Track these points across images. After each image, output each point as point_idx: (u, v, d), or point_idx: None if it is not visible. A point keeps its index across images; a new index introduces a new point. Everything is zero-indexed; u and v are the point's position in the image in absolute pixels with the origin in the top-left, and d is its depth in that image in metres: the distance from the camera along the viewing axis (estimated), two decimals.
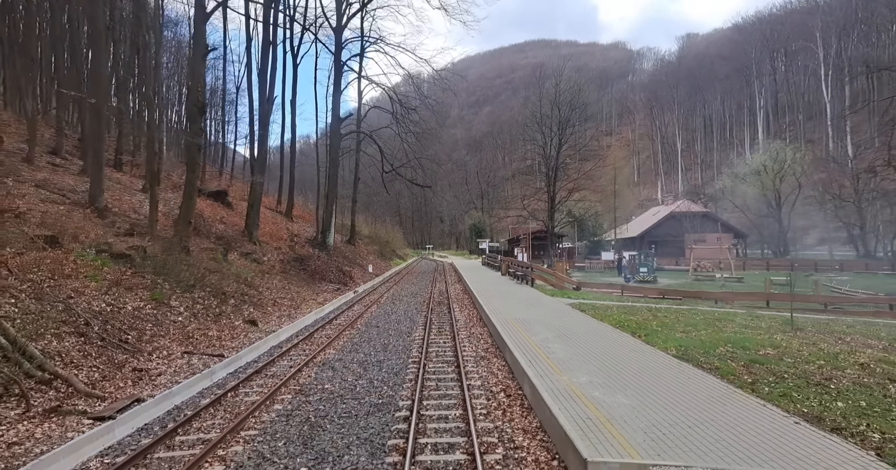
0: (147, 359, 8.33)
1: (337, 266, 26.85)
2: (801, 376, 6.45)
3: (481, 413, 6.22)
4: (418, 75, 36.83)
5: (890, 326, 11.50)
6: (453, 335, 11.15)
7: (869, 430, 4.72)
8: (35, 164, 19.25)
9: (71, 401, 6.26)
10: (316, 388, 7.42)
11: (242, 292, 14.71)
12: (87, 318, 8.31)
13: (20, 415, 5.70)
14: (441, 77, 35.29)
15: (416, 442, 5.25)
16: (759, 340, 8.78)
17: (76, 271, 9.68)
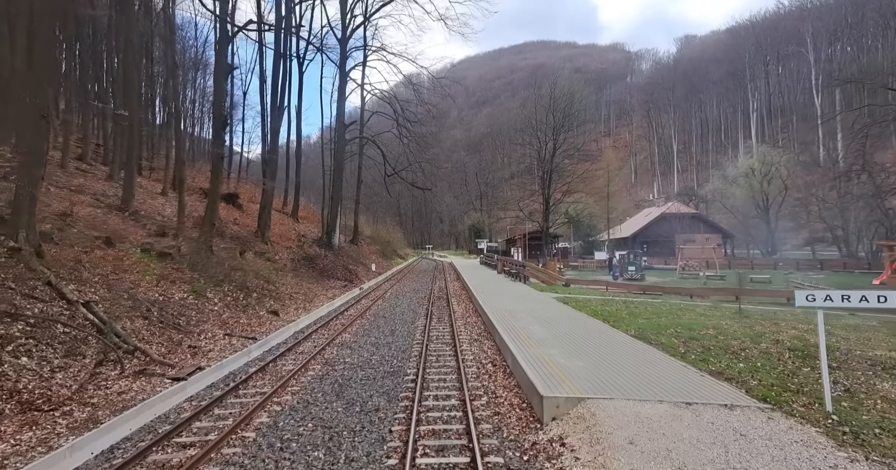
0: (197, 339, 10.07)
1: (343, 265, 28.57)
2: (722, 348, 8.19)
3: (472, 376, 7.95)
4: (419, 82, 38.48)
5: (828, 315, 13.24)
6: (451, 323, 12.88)
7: (751, 379, 6.45)
8: (67, 169, 20.97)
9: (150, 367, 7.99)
10: (339, 361, 9.15)
11: (262, 287, 16.43)
12: (148, 305, 10.04)
13: (118, 375, 7.43)
14: (441, 84, 37.07)
15: (421, 394, 6.97)
16: (705, 324, 10.51)
17: (131, 267, 11.41)
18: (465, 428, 5.69)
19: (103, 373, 7.34)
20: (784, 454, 4.44)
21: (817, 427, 5.00)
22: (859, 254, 41.02)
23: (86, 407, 6.28)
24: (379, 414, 6.26)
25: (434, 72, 39.40)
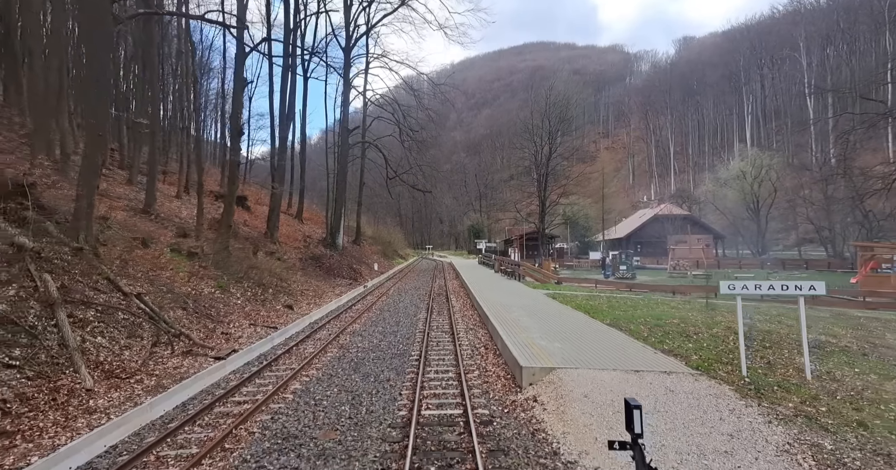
0: (227, 327, 11.51)
1: (347, 264, 30.01)
2: (679, 333, 9.64)
3: (466, 356, 9.40)
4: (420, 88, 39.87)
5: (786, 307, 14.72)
6: (450, 316, 14.32)
7: (693, 355, 7.90)
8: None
9: (194, 349, 9.43)
10: (352, 345, 10.60)
11: (277, 284, 17.87)
12: (184, 298, 11.49)
13: (170, 354, 8.87)
14: (441, 91, 38.54)
15: (424, 369, 8.40)
16: (673, 315, 11.95)
17: (165, 265, 12.86)
18: (459, 391, 7.13)
19: (158, 352, 8.79)
20: (698, 402, 5.90)
21: (730, 386, 6.45)
22: (845, 254, 42.45)
23: (151, 377, 7.73)
24: (390, 383, 7.71)
25: (435, 73, 40.92)
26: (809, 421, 5.46)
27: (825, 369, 7.39)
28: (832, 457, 4.70)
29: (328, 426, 5.88)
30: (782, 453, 4.77)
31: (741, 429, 5.28)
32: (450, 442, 5.35)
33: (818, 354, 8.25)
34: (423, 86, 41.34)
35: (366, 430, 5.75)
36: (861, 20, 76.99)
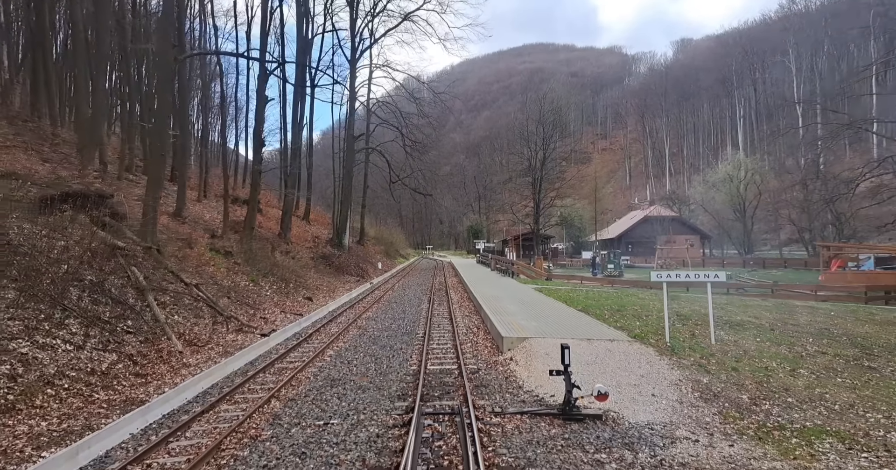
0: (263, 313, 13.83)
1: (354, 263, 32.32)
2: (634, 315, 11.95)
3: (462, 334, 11.70)
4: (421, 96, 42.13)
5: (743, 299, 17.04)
6: (449, 306, 16.63)
7: (636, 329, 10.21)
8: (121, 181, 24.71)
9: (243, 328, 11.73)
10: (368, 327, 12.91)
11: (295, 279, 20.16)
12: (227, 289, 13.80)
13: (226, 331, 11.18)
14: (441, 100, 40.89)
15: (428, 342, 10.70)
16: (636, 304, 14.25)
17: (208, 262, 15.17)
18: (455, 355, 9.44)
19: (217, 329, 11.09)
20: (626, 358, 8.22)
21: (654, 348, 8.77)
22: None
23: (218, 346, 10.04)
24: (402, 350, 10.02)
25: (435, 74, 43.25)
26: (699, 368, 7.78)
27: (732, 339, 9.73)
28: (704, 387, 7.02)
29: (360, 374, 8.19)
30: (672, 385, 7.09)
31: (650, 372, 7.60)
32: (447, 382, 7.67)
33: (736, 329, 10.58)
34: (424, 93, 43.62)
35: (388, 376, 8.06)
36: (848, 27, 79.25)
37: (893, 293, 20.24)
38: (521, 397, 6.91)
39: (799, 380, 7.47)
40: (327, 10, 37.22)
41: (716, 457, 4.97)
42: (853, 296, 19.86)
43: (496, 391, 7.18)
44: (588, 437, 5.46)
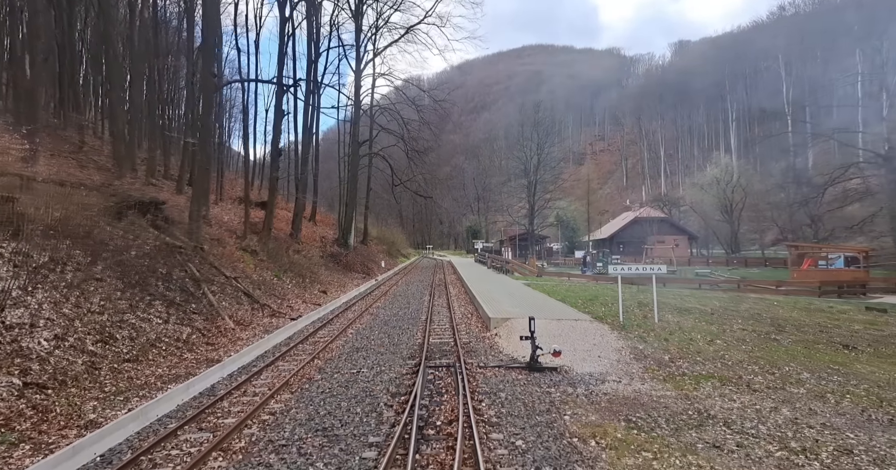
0: (288, 302, 16.15)
1: (360, 261, 34.64)
2: (602, 304, 14.27)
3: (458, 318, 14.02)
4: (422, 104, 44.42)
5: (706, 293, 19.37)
6: (447, 298, 18.95)
7: (598, 312, 12.54)
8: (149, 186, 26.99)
9: (275, 313, 14.05)
10: (379, 314, 15.24)
11: (310, 275, 22.47)
12: (257, 282, 16.12)
13: (262, 316, 13.50)
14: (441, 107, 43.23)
15: (429, 324, 13.01)
16: (608, 295, 16.56)
17: (239, 259, 17.48)
18: (451, 333, 11.75)
19: (255, 314, 13.42)
20: (585, 332, 10.55)
21: (610, 326, 11.10)
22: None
23: (258, 326, 12.36)
24: (409, 330, 12.35)
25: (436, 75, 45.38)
26: (639, 339, 10.11)
27: (675, 320, 12.06)
28: (639, 351, 9.35)
29: (378, 345, 10.51)
30: (615, 350, 9.41)
31: (602, 342, 9.93)
32: (445, 350, 9.99)
33: (683, 313, 12.91)
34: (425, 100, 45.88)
35: (399, 346, 10.38)
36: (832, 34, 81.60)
37: (846, 287, 22.59)
38: (500, 358, 9.25)
39: (712, 346, 9.81)
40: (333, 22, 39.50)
41: (629, 390, 7.30)
42: (810, 290, 22.19)
43: (482, 354, 9.51)
44: (544, 379, 7.79)
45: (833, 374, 8.28)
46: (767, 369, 8.44)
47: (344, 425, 5.79)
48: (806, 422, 6.06)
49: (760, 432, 5.71)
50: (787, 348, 10.00)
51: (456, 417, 5.81)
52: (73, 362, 6.92)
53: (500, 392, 7.06)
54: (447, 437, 5.42)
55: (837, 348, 10.18)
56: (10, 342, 6.44)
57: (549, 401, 6.72)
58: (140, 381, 7.36)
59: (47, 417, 5.67)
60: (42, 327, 7.09)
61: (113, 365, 7.45)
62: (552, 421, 5.93)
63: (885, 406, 6.69)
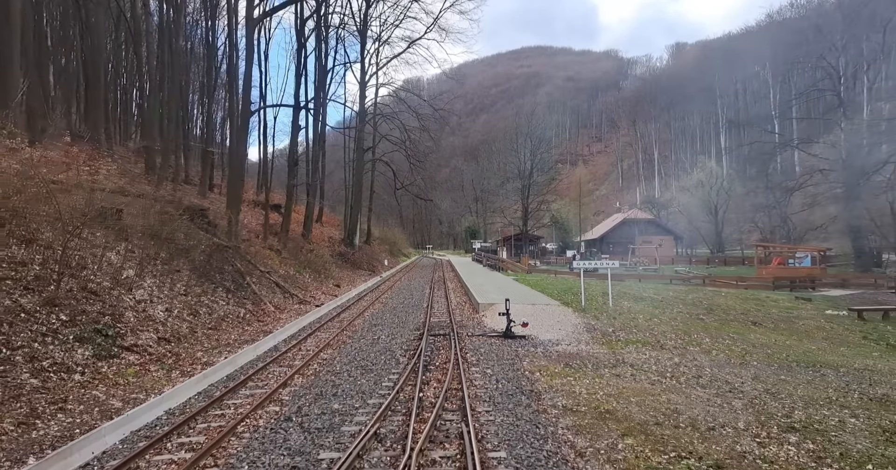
0: (311, 293, 19.06)
1: (365, 259, 37.55)
2: (573, 293, 17.17)
3: (453, 306, 16.94)
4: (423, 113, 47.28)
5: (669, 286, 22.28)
6: (445, 291, 21.86)
7: (566, 298, 15.46)
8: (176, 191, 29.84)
9: (303, 302, 16.96)
10: (388, 303, 18.16)
11: (324, 271, 25.36)
12: (284, 277, 19.02)
13: (292, 303, 16.42)
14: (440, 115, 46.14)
15: (430, 310, 15.93)
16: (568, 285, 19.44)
17: (267, 257, 20.35)
18: (448, 315, 14.67)
19: (287, 301, 16.33)
20: (553, 313, 13.48)
21: (573, 309, 14.03)
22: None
23: (291, 311, 15.27)
24: (414, 313, 15.27)
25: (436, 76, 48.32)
26: (593, 317, 13.04)
27: (628, 305, 14.99)
28: (591, 326, 12.26)
29: (390, 323, 13.43)
30: (572, 325, 12.34)
31: (563, 320, 12.86)
32: (442, 326, 12.90)
33: (637, 300, 15.83)
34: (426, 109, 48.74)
35: (407, 324, 13.30)
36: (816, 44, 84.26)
37: (797, 282, 25.53)
38: (484, 330, 12.19)
39: (648, 323, 12.74)
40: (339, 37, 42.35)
41: (574, 349, 10.23)
42: (766, 285, 25.14)
43: (470, 328, 12.45)
44: (514, 343, 10.71)
45: (727, 340, 11.23)
46: (680, 337, 11.37)
47: (374, 364, 8.72)
48: (685, 364, 9.00)
49: (651, 369, 8.63)
50: (706, 324, 12.94)
51: (448, 360, 8.74)
52: (180, 327, 9.85)
53: (480, 348, 9.99)
54: (442, 368, 8.36)
55: (747, 324, 13.13)
56: (142, 311, 9.36)
57: (515, 354, 9.64)
58: (223, 342, 10.28)
59: (179, 358, 8.59)
60: (156, 302, 10.01)
61: (202, 331, 10.37)
62: (514, 363, 8.85)
63: (745, 357, 9.64)
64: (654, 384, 7.66)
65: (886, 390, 7.44)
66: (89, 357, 7.31)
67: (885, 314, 14.90)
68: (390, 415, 6.10)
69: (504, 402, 6.59)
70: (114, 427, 5.39)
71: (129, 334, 8.48)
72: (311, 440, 5.29)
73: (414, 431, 5.33)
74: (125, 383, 7.06)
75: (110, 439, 5.23)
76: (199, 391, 7.15)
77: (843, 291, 24.26)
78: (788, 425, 5.81)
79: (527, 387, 7.31)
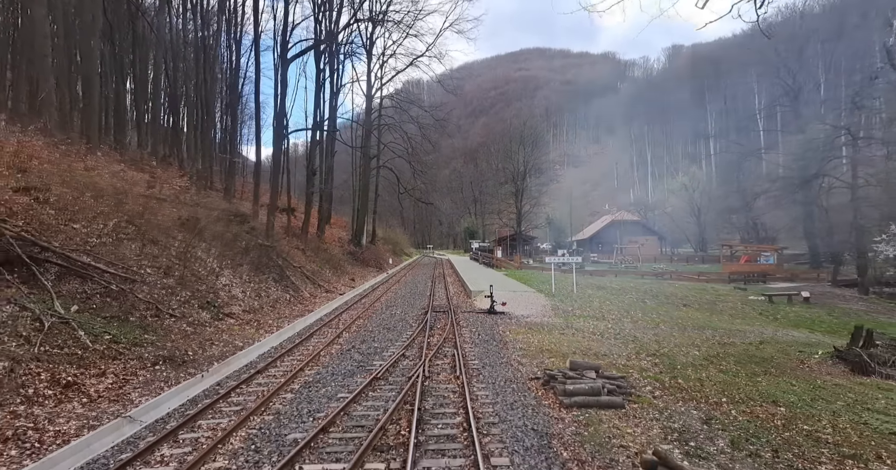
0: (333, 284, 22.85)
1: (373, 258, 41.32)
2: (549, 284, 20.98)
3: (451, 294, 20.73)
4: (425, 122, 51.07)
5: (636, 279, 26.08)
6: (445, 284, 25.66)
7: (542, 287, 19.24)
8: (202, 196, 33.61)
9: (329, 291, 20.74)
10: (398, 292, 21.96)
11: (339, 268, 29.13)
12: (311, 271, 22.81)
13: (321, 292, 20.21)
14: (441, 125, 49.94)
15: (432, 298, 19.71)
16: (560, 279, 23.24)
17: (295, 255, 24.12)
18: (447, 300, 18.46)
19: (317, 290, 20.12)
20: (528, 298, 17.30)
21: (545, 295, 17.83)
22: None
23: (322, 297, 19.06)
24: (419, 299, 19.07)
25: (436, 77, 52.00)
26: (560, 301, 16.83)
27: (590, 292, 18.77)
28: (557, 307, 16.07)
29: (402, 305, 17.22)
30: (542, 306, 16.14)
31: (536, 302, 16.65)
32: (442, 306, 16.68)
33: (599, 289, 19.62)
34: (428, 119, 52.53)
35: (415, 305, 17.08)
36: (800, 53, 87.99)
37: (750, 277, 29.29)
38: (474, 310, 16.00)
39: (601, 305, 16.51)
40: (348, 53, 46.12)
41: (539, 320, 14.02)
42: (721, 279, 28.91)
43: (464, 308, 16.26)
44: (495, 317, 14.50)
45: (653, 315, 15.02)
46: (621, 313, 15.17)
47: (395, 327, 12.53)
48: (613, 328, 12.80)
49: (588, 331, 12.42)
50: (646, 306, 16.73)
51: (446, 325, 12.54)
52: (253, 303, 13.65)
53: (469, 319, 13.80)
54: (442, 329, 12.16)
55: (678, 306, 16.92)
56: (228, 292, 13.16)
57: (494, 322, 13.44)
58: (282, 315, 14.07)
59: (259, 323, 12.38)
60: (234, 286, 13.81)
61: (266, 307, 14.18)
62: (492, 327, 12.65)
63: (659, 324, 13.43)
64: (585, 338, 11.46)
65: (735, 340, 11.23)
66: (209, 319, 11.11)
67: (789, 299, 18.66)
68: (410, 348, 9.92)
69: (481, 344, 10.39)
70: (251, 351, 9.22)
71: (225, 306, 12.28)
72: (366, 357, 9.11)
73: (425, 353, 9.14)
74: (236, 333, 10.86)
75: (252, 356, 9.07)
76: (282, 341, 10.95)
77: (789, 284, 28.03)
78: (651, 353, 9.62)
79: (498, 338, 11.11)
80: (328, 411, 6.26)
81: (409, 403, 6.49)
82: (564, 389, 6.83)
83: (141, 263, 11.01)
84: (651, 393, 7.20)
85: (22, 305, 7.20)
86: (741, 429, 5.76)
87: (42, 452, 4.91)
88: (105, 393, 6.55)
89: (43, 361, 6.50)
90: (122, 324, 8.53)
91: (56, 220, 9.89)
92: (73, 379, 6.49)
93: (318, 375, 8.05)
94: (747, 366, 8.87)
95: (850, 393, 7.30)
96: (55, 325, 7.21)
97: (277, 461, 4.82)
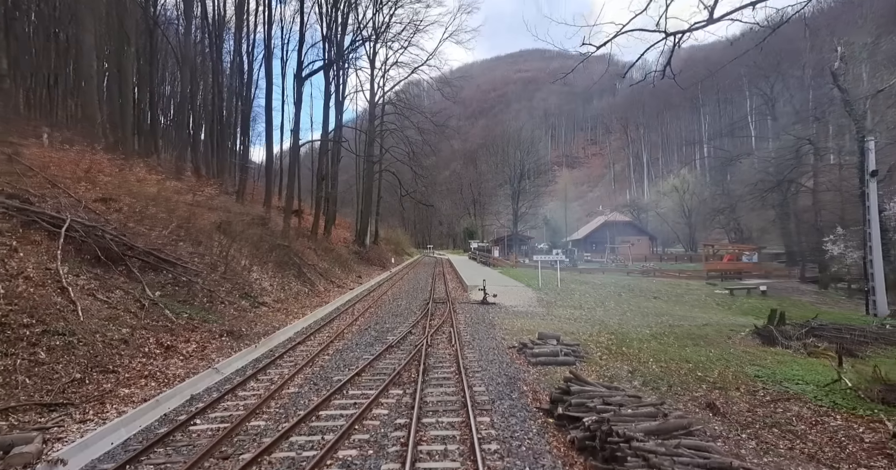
0: (343, 281, 25.20)
1: (376, 257, 43.68)
2: (537, 280, 23.33)
3: (451, 290, 23.08)
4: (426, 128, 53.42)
5: (619, 276, 28.44)
6: (444, 280, 28.00)
7: (531, 282, 21.58)
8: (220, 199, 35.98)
9: (340, 286, 23.10)
10: (402, 288, 24.32)
11: (348, 266, 31.47)
12: (322, 268, 25.17)
13: (333, 287, 22.57)
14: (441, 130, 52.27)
15: (432, 293, 22.07)
16: (546, 276, 25.58)
17: (308, 254, 26.47)
18: (446, 293, 20.80)
19: (330, 285, 22.47)
20: (518, 291, 19.68)
21: (532, 288, 20.21)
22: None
23: (335, 291, 21.42)
24: (421, 293, 21.43)
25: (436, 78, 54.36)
26: (545, 293, 19.20)
27: (573, 286, 21.12)
28: (542, 299, 18.43)
29: (407, 297, 19.57)
30: (529, 298, 18.51)
31: (523, 294, 19.03)
32: (441, 299, 19.03)
33: (581, 284, 21.97)
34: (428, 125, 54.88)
35: (418, 298, 19.44)
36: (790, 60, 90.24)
37: (728, 274, 31.63)
38: (470, 301, 18.37)
39: (581, 297, 18.85)
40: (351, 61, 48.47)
41: (525, 310, 16.40)
42: (700, 276, 31.25)
43: (460, 300, 18.62)
44: (487, 307, 16.87)
45: (625, 305, 17.38)
46: (597, 303, 17.54)
47: (401, 314, 14.89)
48: (587, 315, 15.16)
49: (565, 317, 14.78)
50: (620, 297, 19.09)
51: (445, 312, 14.90)
52: (280, 295, 16.02)
53: (465, 308, 16.16)
54: (441, 315, 14.53)
55: (649, 298, 19.26)
56: (259, 285, 15.52)
57: (486, 310, 15.80)
58: (305, 305, 16.42)
59: (287, 311, 14.74)
60: (264, 280, 16.18)
61: (291, 298, 16.55)
62: (483, 315, 15.00)
63: (627, 313, 15.78)
64: (560, 322, 13.83)
65: (684, 323, 13.60)
66: (248, 306, 13.47)
67: (748, 292, 21.00)
68: (415, 328, 12.31)
69: (473, 326, 12.77)
70: (287, 330, 11.61)
71: (259, 296, 14.65)
72: (380, 334, 11.49)
73: (427, 331, 11.51)
74: (271, 317, 13.22)
75: (289, 333, 11.47)
76: (309, 323, 13.32)
77: (763, 280, 30.34)
78: (610, 332, 11.98)
79: (487, 322, 13.49)
80: (359, 365, 8.62)
81: (417, 360, 8.85)
82: (532, 352, 9.19)
83: (193, 259, 13.37)
84: (599, 357, 9.56)
85: (125, 290, 9.57)
86: (653, 375, 8.12)
87: (171, 384, 7.27)
88: (193, 353, 8.92)
89: (148, 329, 8.87)
90: (191, 306, 10.90)
91: (134, 225, 12.27)
92: (171, 343, 8.86)
93: (345, 345, 10.43)
94: (683, 340, 11.23)
95: (749, 356, 9.65)
96: (149, 305, 9.58)
97: (331, 388, 7.18)
